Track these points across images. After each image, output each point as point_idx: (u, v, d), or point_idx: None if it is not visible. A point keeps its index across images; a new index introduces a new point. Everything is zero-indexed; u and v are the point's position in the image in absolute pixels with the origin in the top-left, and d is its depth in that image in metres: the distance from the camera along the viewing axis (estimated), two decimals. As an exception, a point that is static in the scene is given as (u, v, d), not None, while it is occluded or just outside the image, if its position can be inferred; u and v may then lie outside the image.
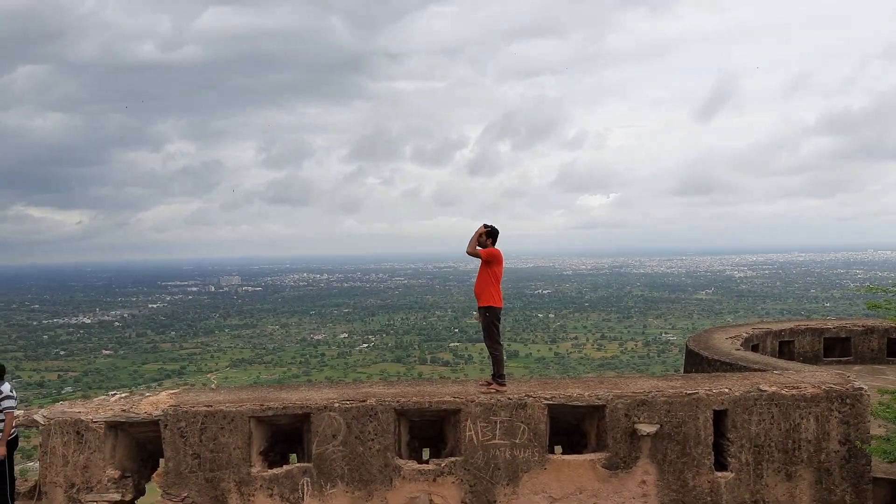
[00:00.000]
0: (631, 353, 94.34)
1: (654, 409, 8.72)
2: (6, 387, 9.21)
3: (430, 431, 9.41)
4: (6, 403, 9.05)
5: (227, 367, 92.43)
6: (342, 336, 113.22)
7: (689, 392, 8.80)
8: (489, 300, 9.19)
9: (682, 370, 16.61)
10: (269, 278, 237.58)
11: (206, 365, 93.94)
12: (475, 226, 9.37)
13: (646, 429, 8.58)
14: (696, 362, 14.05)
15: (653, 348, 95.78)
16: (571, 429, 9.36)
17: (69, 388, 77.05)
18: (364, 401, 8.80)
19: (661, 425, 8.66)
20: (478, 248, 9.22)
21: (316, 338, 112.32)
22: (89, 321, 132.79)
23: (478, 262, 9.38)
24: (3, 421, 9.02)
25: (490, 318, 9.22)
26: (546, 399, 8.79)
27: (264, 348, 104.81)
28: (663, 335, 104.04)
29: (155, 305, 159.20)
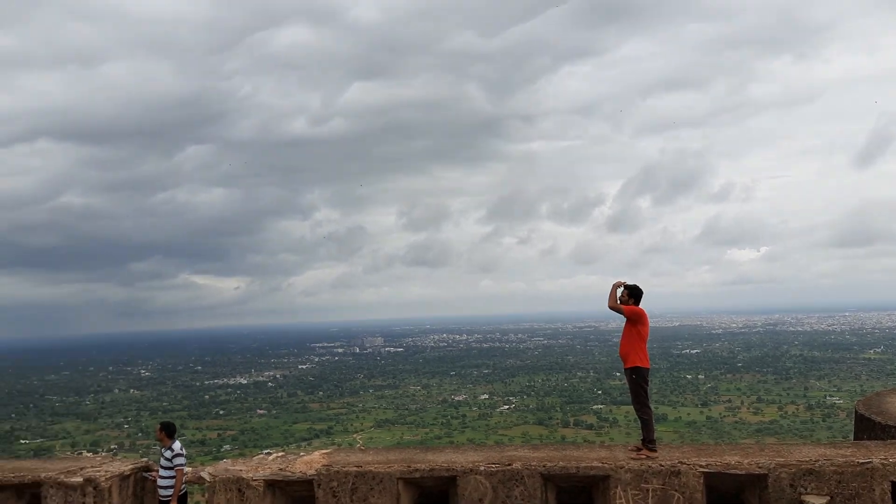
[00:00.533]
0: (792, 417, 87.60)
1: (822, 479, 8.06)
2: (177, 445, 9.93)
3: (577, 498, 9.16)
4: (177, 461, 9.75)
5: (371, 427, 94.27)
6: (483, 397, 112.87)
7: (861, 461, 8.09)
8: (636, 361, 8.93)
9: (851, 437, 15.25)
10: (410, 339, 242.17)
11: (351, 425, 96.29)
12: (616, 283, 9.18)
13: (815, 501, 7.94)
14: (868, 428, 12.87)
15: (816, 412, 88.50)
16: (731, 499, 8.80)
17: (227, 447, 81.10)
18: (509, 464, 8.72)
19: (832, 497, 7.99)
20: (619, 304, 9.02)
21: (457, 399, 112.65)
22: (245, 382, 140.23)
23: (621, 321, 9.18)
24: (174, 478, 9.70)
25: (637, 380, 8.95)
26: (702, 467, 8.35)
27: (407, 409, 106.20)
28: (827, 398, 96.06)
29: (304, 366, 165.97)
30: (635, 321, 8.93)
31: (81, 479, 9.56)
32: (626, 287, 9.10)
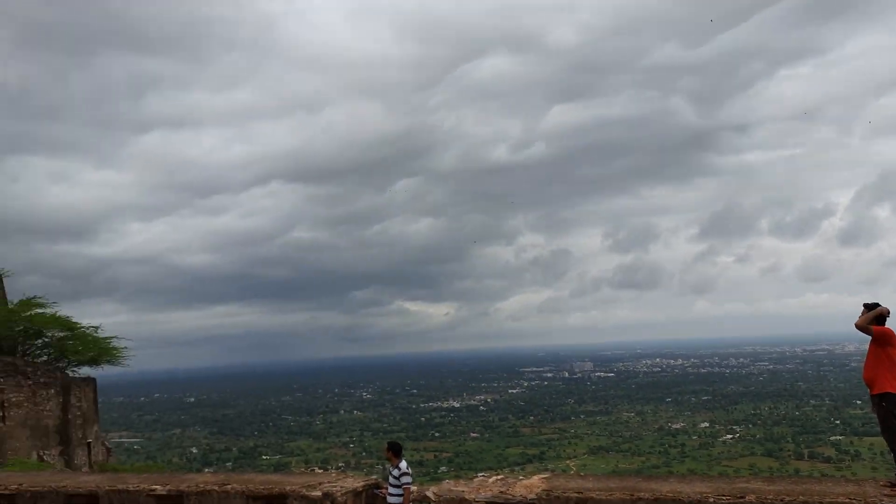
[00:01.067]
0: None
1: None
2: (404, 464, 10.46)
3: (822, 537, 8.37)
4: (404, 479, 10.27)
5: (584, 454, 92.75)
6: (703, 425, 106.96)
7: None
8: (885, 386, 8.06)
9: None
10: (620, 364, 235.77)
11: (564, 451, 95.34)
12: (851, 301, 8.44)
13: None
14: None
15: None
16: None
17: (444, 468, 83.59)
18: (742, 497, 8.20)
19: None
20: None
21: (674, 427, 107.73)
22: (458, 405, 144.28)
23: (860, 344, 8.36)
24: (402, 495, 10.23)
25: (888, 408, 8.06)
26: (975, 509, 7.30)
27: (621, 436, 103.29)
28: None
29: (514, 391, 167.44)
30: (884, 343, 8.07)
31: (320, 494, 10.35)
32: (866, 306, 8.30)
